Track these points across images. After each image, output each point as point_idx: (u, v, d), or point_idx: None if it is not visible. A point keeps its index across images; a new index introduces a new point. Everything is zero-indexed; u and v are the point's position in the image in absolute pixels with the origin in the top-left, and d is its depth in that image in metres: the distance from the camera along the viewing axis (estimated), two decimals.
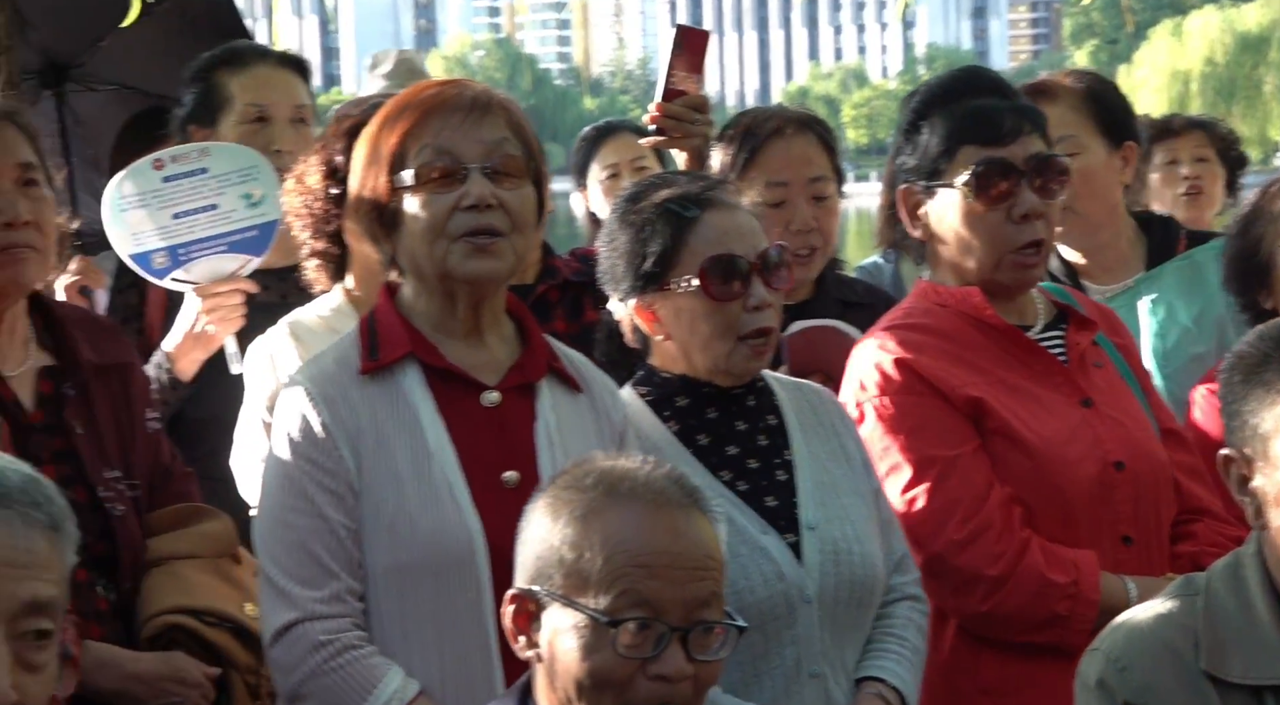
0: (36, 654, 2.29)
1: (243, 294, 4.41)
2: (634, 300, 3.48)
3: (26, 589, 2.27)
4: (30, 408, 3.53)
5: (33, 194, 3.51)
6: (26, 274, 3.51)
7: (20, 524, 2.28)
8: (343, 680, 3.07)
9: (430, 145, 3.20)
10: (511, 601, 2.65)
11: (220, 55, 4.85)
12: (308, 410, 3.18)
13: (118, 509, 3.53)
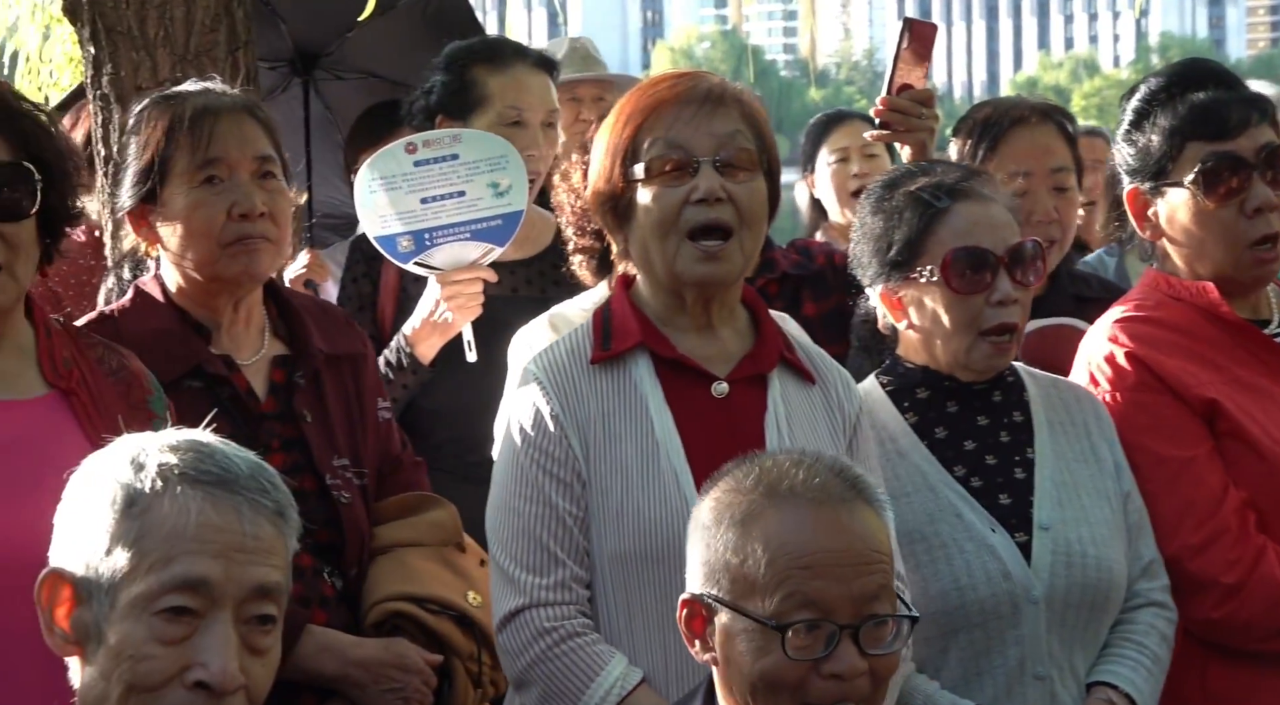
0: (262, 638, 2.33)
1: (482, 282, 4.45)
2: (880, 287, 3.48)
3: (254, 574, 2.31)
4: (262, 395, 3.59)
5: (269, 186, 3.57)
6: (260, 265, 3.57)
7: (248, 510, 2.32)
8: (566, 667, 3.11)
9: (662, 138, 3.20)
10: (684, 606, 2.64)
11: (478, 50, 4.89)
12: (539, 399, 3.21)
13: (344, 497, 3.58)
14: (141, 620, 2.28)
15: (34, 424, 3.11)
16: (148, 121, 3.58)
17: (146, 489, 2.31)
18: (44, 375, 3.18)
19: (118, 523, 2.30)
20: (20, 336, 3.20)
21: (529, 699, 3.18)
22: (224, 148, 3.53)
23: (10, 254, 3.08)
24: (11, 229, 3.07)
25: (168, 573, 2.28)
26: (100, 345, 3.30)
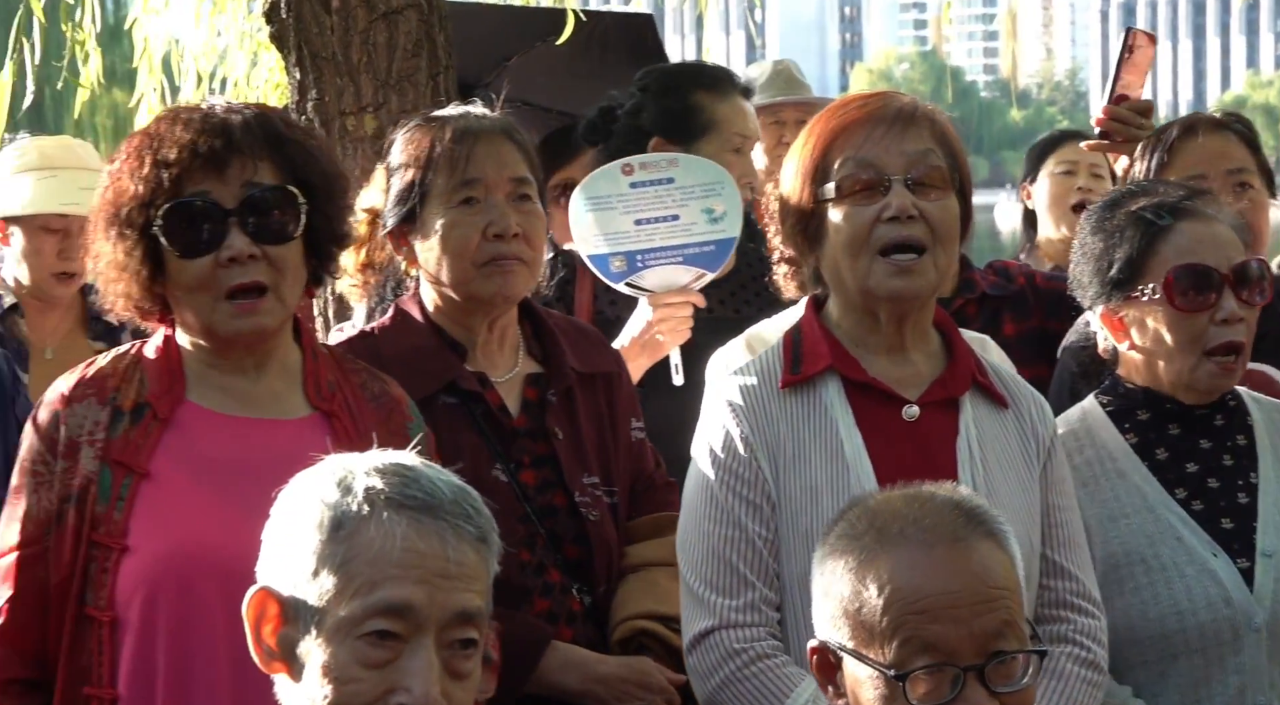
0: (463, 662, 2.33)
1: (692, 307, 4.45)
2: (1100, 308, 3.43)
3: (457, 600, 2.31)
4: (515, 412, 3.62)
5: (524, 208, 3.59)
6: (514, 286, 3.59)
7: (452, 536, 2.32)
8: (755, 688, 3.09)
9: (853, 157, 3.18)
10: (813, 653, 2.59)
11: (698, 75, 4.92)
12: (729, 422, 3.21)
13: (593, 514, 3.60)
14: (346, 643, 2.29)
15: (296, 444, 3.16)
16: (409, 143, 3.63)
17: (353, 512, 2.32)
18: (308, 397, 3.23)
19: (324, 545, 2.32)
20: (288, 358, 3.25)
21: None
22: (482, 169, 3.56)
23: (277, 276, 3.13)
24: (278, 251, 3.12)
25: (372, 598, 2.29)
26: (364, 371, 3.35)
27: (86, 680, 3.06)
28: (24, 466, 3.16)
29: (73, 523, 3.09)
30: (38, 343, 5.17)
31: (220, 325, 3.13)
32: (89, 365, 3.23)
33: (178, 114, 3.17)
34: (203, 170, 3.09)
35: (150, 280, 3.15)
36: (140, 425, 3.13)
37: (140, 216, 3.11)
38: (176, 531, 3.06)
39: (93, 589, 3.07)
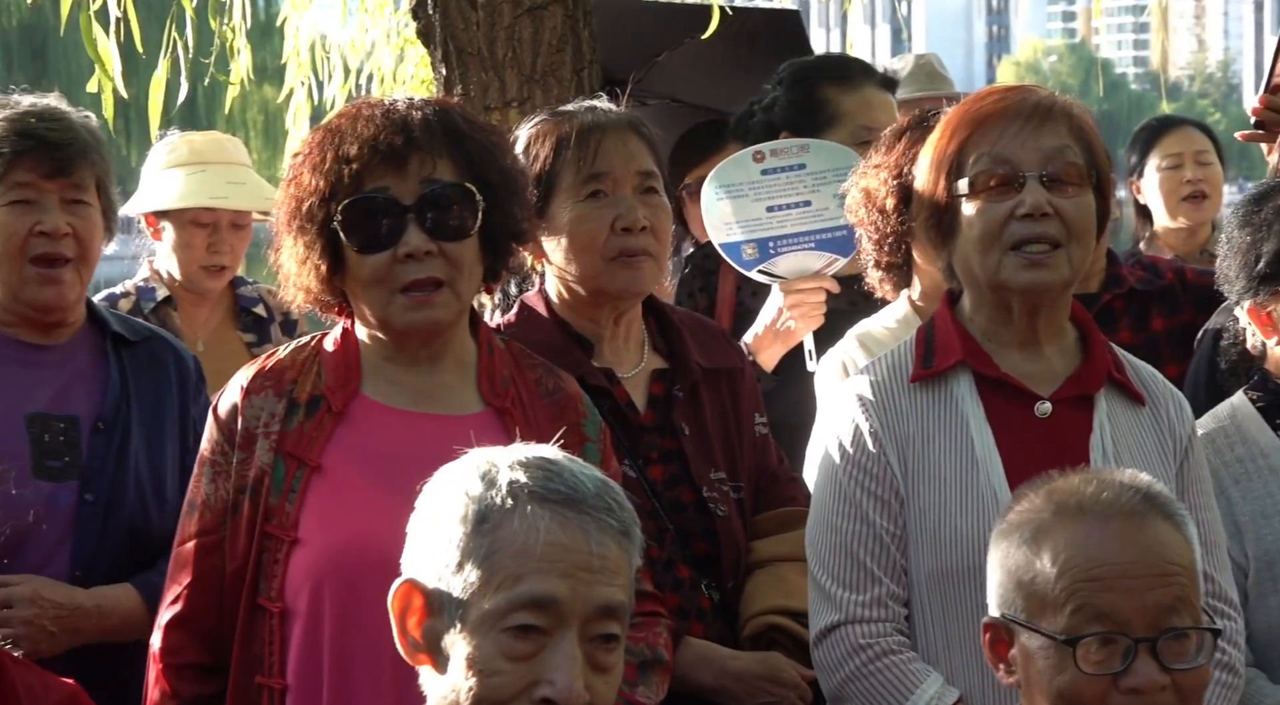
0: (606, 656, 2.34)
1: (825, 292, 4.44)
2: (1247, 303, 3.40)
3: (600, 593, 2.32)
4: (642, 408, 3.63)
5: (651, 201, 3.61)
6: (642, 280, 3.61)
7: (595, 529, 2.33)
8: (881, 684, 3.09)
9: (988, 153, 3.16)
10: (987, 630, 2.58)
11: (827, 68, 4.90)
12: (858, 416, 3.20)
13: (721, 509, 3.60)
14: (490, 636, 2.31)
15: (467, 439, 3.18)
16: (536, 138, 3.65)
17: (497, 506, 2.34)
18: (481, 393, 3.27)
19: (468, 538, 2.34)
20: (463, 353, 3.29)
21: None
22: (609, 162, 3.58)
23: (453, 272, 3.16)
24: (454, 248, 3.16)
25: (516, 591, 2.31)
26: (540, 366, 3.37)
27: (258, 669, 3.13)
28: (204, 456, 3.24)
29: (247, 513, 3.15)
30: (189, 335, 5.25)
31: (395, 318, 3.17)
32: (269, 357, 3.29)
33: (360, 109, 3.21)
34: (383, 166, 3.13)
35: (330, 274, 3.20)
36: (314, 418, 3.18)
37: (321, 211, 3.16)
38: (344, 525, 3.11)
39: (265, 579, 3.13)
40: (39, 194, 3.71)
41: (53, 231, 3.70)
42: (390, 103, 3.23)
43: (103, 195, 3.81)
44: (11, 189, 3.70)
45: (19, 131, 3.71)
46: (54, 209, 3.71)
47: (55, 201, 3.71)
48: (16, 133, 3.71)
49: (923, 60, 6.67)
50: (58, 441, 3.72)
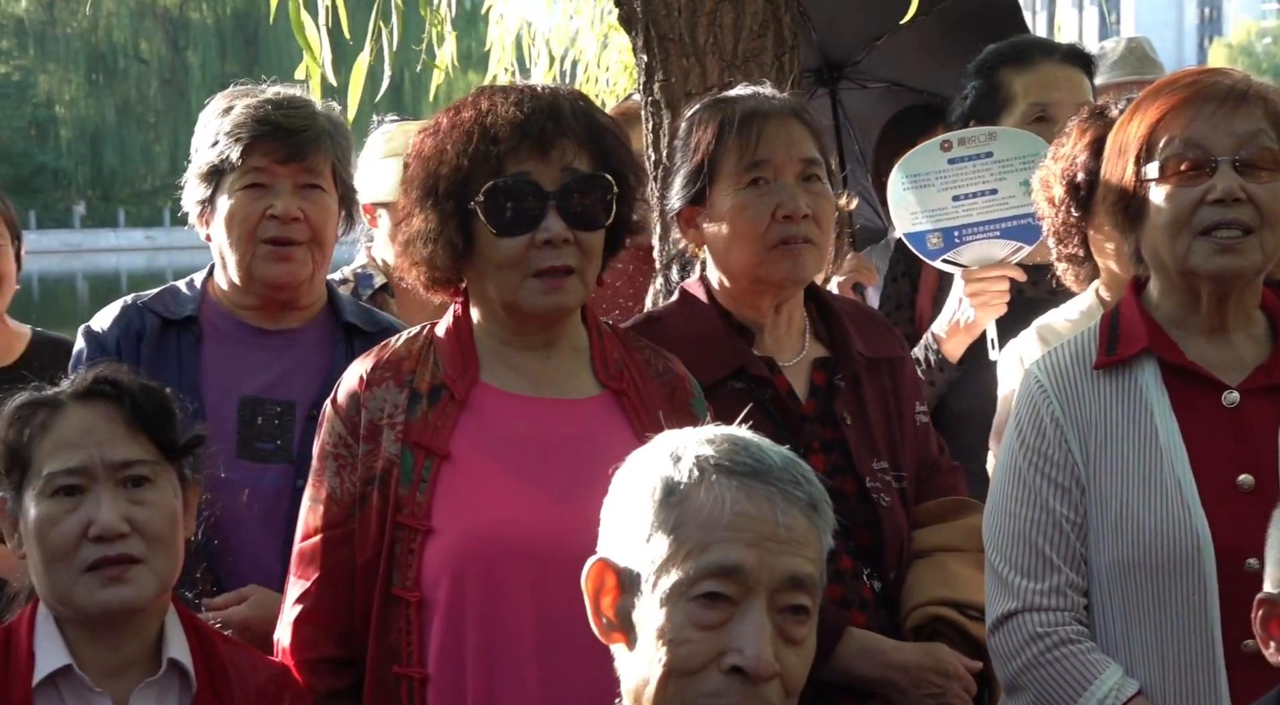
0: (796, 628, 2.35)
1: (1009, 281, 4.38)
2: None
3: (787, 564, 2.33)
4: (803, 397, 3.62)
5: (813, 189, 3.59)
6: (803, 268, 3.59)
7: (781, 501, 2.34)
8: (1058, 673, 3.05)
9: (1179, 137, 3.11)
10: (1259, 606, 2.53)
11: (1004, 51, 4.84)
12: (1040, 403, 3.15)
13: (884, 499, 3.58)
14: (679, 606, 2.32)
15: (589, 422, 3.23)
16: (699, 124, 3.65)
17: (684, 479, 2.36)
18: (596, 376, 3.29)
19: (656, 512, 2.36)
20: (576, 339, 3.31)
21: (1022, 704, 3.13)
22: (770, 150, 3.56)
23: (584, 260, 3.19)
24: (588, 237, 3.19)
25: (704, 559, 2.32)
26: (647, 348, 3.39)
27: (396, 659, 3.15)
28: (324, 450, 3.26)
29: (376, 504, 3.18)
30: (405, 322, 5.32)
31: (525, 301, 3.19)
32: (383, 348, 3.31)
33: (507, 93, 3.23)
34: (527, 151, 3.16)
35: (455, 256, 3.22)
36: (438, 407, 3.20)
37: (460, 190, 3.18)
38: (479, 512, 3.13)
39: (399, 570, 3.15)
40: (272, 178, 3.81)
41: (283, 215, 3.79)
42: (534, 89, 3.25)
43: (340, 182, 3.89)
44: (247, 173, 3.80)
45: (257, 118, 3.81)
46: (286, 193, 3.80)
47: (289, 186, 3.80)
48: (254, 119, 3.81)
49: (1133, 44, 6.55)
50: (271, 425, 3.79)
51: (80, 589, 2.96)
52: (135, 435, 3.02)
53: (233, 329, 3.88)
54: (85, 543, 2.95)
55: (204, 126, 3.90)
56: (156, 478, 3.03)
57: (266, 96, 3.86)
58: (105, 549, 2.95)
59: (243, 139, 3.78)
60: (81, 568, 2.95)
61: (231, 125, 3.81)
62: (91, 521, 2.96)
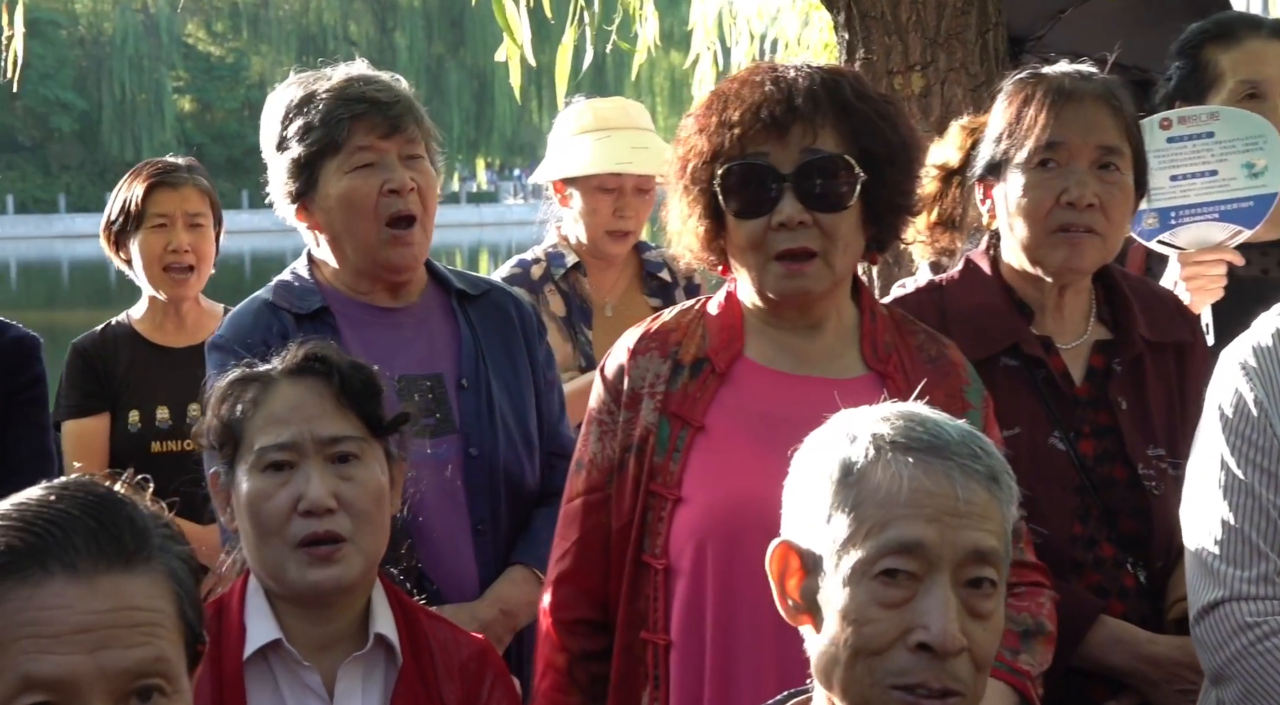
0: (982, 602, 2.32)
1: (1225, 265, 4.29)
2: None
3: (969, 538, 2.30)
4: (1078, 380, 3.55)
5: (1107, 177, 3.47)
6: (1083, 258, 3.50)
7: (960, 474, 2.31)
8: (1268, 665, 2.97)
9: None
10: None
11: (1208, 29, 4.72)
12: (1241, 384, 3.06)
13: (1157, 488, 3.49)
14: (862, 585, 2.31)
15: (848, 402, 3.18)
16: (1006, 97, 3.59)
17: (860, 458, 2.34)
18: (863, 357, 3.26)
19: (835, 492, 2.35)
20: (845, 319, 3.29)
21: (1229, 695, 3.05)
22: (1066, 132, 3.48)
23: (827, 243, 3.15)
24: (829, 219, 3.14)
25: (884, 537, 2.30)
26: (922, 332, 3.34)
27: (643, 625, 3.18)
28: (591, 415, 3.30)
29: (633, 471, 3.20)
30: (598, 300, 5.36)
31: (769, 285, 3.18)
32: (654, 319, 3.33)
33: (750, 74, 3.22)
34: (764, 133, 3.13)
35: (711, 236, 3.23)
36: (698, 379, 3.22)
37: (705, 173, 3.18)
38: (727, 484, 3.14)
39: (650, 537, 3.18)
40: (379, 155, 3.78)
41: (400, 187, 3.77)
42: (781, 69, 3.22)
43: (430, 151, 3.91)
44: (354, 154, 3.77)
45: (349, 97, 3.78)
46: (396, 166, 3.78)
47: (395, 159, 3.79)
48: (347, 99, 3.78)
49: None
50: (426, 400, 3.82)
51: (291, 566, 3.01)
52: (344, 412, 3.07)
53: (362, 313, 3.89)
54: (295, 517, 3.00)
55: (281, 118, 3.85)
56: (364, 454, 3.07)
57: (344, 76, 3.84)
58: (314, 525, 3.00)
59: (343, 120, 3.76)
60: (293, 542, 3.00)
61: (325, 110, 3.78)
62: (301, 496, 3.00)
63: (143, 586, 2.00)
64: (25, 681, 1.93)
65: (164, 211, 5.16)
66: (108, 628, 1.96)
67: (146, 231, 5.15)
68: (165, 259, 5.16)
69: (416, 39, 69.52)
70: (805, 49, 9.84)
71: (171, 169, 5.26)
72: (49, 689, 1.93)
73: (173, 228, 5.16)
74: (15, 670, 1.93)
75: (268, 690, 3.02)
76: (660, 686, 3.17)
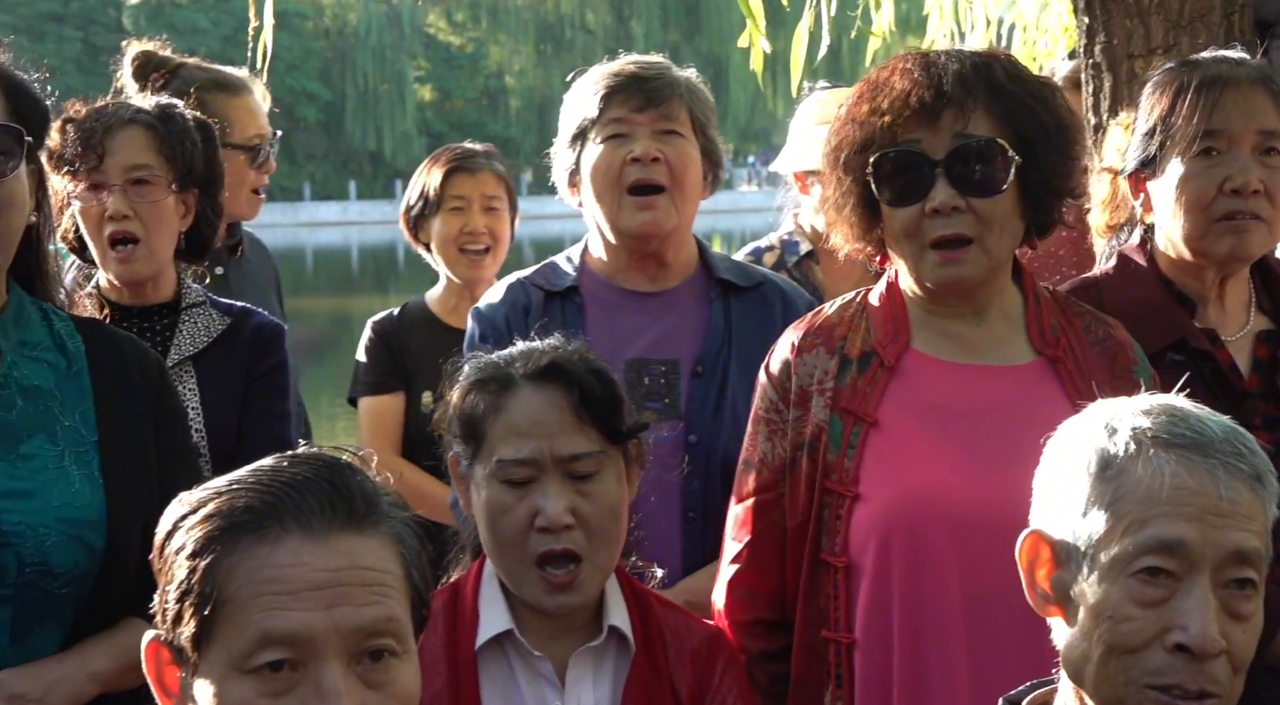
0: (1242, 603, 2.29)
1: None
2: None
3: (1231, 538, 2.27)
4: (1246, 372, 3.50)
5: (1270, 162, 3.43)
6: (1250, 245, 3.46)
7: (1223, 473, 2.28)
8: None
9: None
10: None
11: None
12: None
13: None
14: (1119, 582, 2.29)
15: (1021, 389, 3.19)
16: (1156, 87, 3.54)
17: (1120, 453, 2.31)
18: (1031, 342, 3.24)
19: (1093, 486, 2.32)
20: (1009, 304, 3.27)
21: None
22: (1226, 119, 3.43)
23: (982, 228, 3.14)
24: (984, 204, 3.13)
25: (1143, 535, 2.27)
26: (1087, 314, 3.32)
27: (824, 624, 3.17)
28: (758, 415, 3.29)
29: (806, 470, 3.19)
30: (831, 289, 5.35)
31: (926, 273, 3.17)
32: (816, 314, 3.32)
33: (900, 62, 3.20)
34: (915, 119, 3.12)
35: (867, 225, 3.22)
36: (867, 373, 3.20)
37: (857, 162, 3.18)
38: (906, 479, 3.12)
39: (827, 535, 3.16)
40: (630, 127, 3.88)
41: (643, 156, 3.85)
42: (931, 55, 3.21)
43: (701, 134, 3.94)
44: (606, 125, 3.89)
45: (613, 73, 3.93)
46: (644, 137, 3.88)
47: (646, 132, 3.88)
48: (609, 75, 3.93)
49: None
50: (657, 384, 3.86)
51: (528, 587, 3.05)
52: (583, 426, 3.09)
53: (612, 295, 3.96)
54: (532, 533, 3.04)
55: (568, 103, 4.01)
56: (602, 468, 3.09)
57: (624, 61, 3.98)
58: (550, 542, 3.03)
59: (600, 93, 3.89)
60: (531, 560, 3.04)
61: (592, 92, 3.92)
62: (539, 511, 3.04)
63: (373, 548, 2.05)
64: (264, 637, 1.99)
65: (461, 195, 5.32)
66: (342, 586, 2.01)
67: (444, 215, 5.32)
68: (461, 241, 5.31)
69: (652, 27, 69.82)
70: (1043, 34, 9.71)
71: (469, 154, 5.42)
72: (287, 645, 1.99)
73: (469, 211, 5.31)
74: (255, 627, 1.99)
75: (502, 675, 3.06)
76: (844, 686, 3.16)
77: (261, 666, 1.99)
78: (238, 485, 2.06)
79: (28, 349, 3.14)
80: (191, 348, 4.04)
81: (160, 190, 3.99)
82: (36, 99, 3.14)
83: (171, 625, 2.05)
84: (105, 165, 3.96)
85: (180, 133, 4.03)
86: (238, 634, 2.00)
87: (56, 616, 3.04)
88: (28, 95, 3.12)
